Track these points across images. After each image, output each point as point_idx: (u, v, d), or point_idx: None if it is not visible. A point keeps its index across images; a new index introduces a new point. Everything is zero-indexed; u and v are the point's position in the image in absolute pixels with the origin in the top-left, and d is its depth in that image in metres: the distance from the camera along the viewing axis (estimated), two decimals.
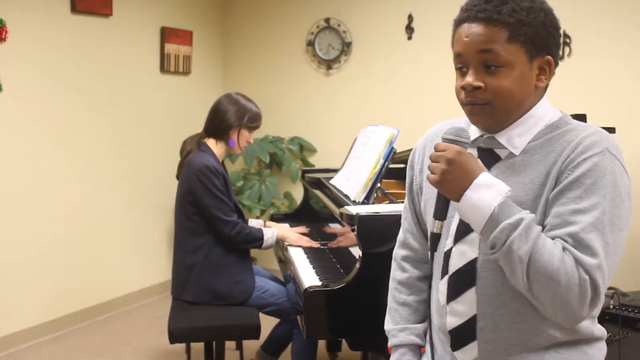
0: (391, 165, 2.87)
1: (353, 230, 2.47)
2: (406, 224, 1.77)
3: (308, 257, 2.98)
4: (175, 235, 3.21)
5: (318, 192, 3.36)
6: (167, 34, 4.95)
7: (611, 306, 3.11)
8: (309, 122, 5.38)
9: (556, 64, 1.50)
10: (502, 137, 1.47)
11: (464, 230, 1.49)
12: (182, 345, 3.77)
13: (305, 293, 2.40)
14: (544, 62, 1.46)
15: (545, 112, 1.50)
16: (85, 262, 4.40)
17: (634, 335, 3.02)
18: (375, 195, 2.79)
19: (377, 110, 5.03)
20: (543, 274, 1.29)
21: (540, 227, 1.36)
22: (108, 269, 4.60)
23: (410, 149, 3.11)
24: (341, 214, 2.57)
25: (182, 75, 5.21)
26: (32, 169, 4.00)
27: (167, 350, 3.93)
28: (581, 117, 3.16)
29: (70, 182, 4.26)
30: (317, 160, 5.33)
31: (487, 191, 1.34)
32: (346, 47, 5.12)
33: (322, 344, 3.62)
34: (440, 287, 1.55)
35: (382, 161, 2.80)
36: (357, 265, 2.40)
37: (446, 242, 1.53)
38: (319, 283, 2.53)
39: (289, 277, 2.93)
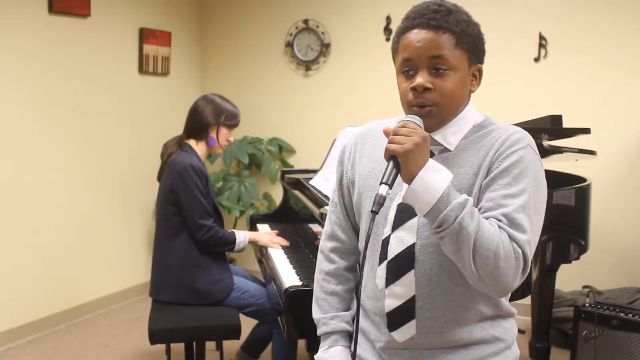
0: None
1: None
2: (334, 217, 1.88)
3: (288, 257, 2.98)
4: (155, 236, 3.21)
5: (298, 193, 3.37)
6: (145, 35, 4.93)
7: (587, 304, 3.15)
8: (288, 123, 5.39)
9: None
10: (437, 135, 1.62)
11: (402, 218, 1.62)
12: (162, 347, 3.77)
13: (285, 293, 2.40)
14: (476, 70, 1.63)
15: (472, 114, 1.66)
16: (64, 263, 4.37)
17: (609, 333, 3.06)
18: None
19: (355, 111, 5.06)
20: (486, 248, 1.41)
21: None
22: (86, 270, 4.57)
23: None
24: (321, 214, 2.59)
25: (160, 76, 5.19)
26: (9, 170, 3.96)
27: (146, 351, 3.92)
28: (557, 118, 3.21)
29: (48, 184, 4.23)
30: (296, 161, 5.34)
31: (437, 174, 1.44)
32: (325, 48, 5.14)
33: (301, 343, 3.63)
34: (378, 272, 1.66)
35: None
36: None
37: (384, 230, 1.65)
38: (300, 283, 2.53)
39: (269, 278, 2.93)
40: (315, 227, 3.17)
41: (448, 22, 1.53)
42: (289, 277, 2.64)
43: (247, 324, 3.23)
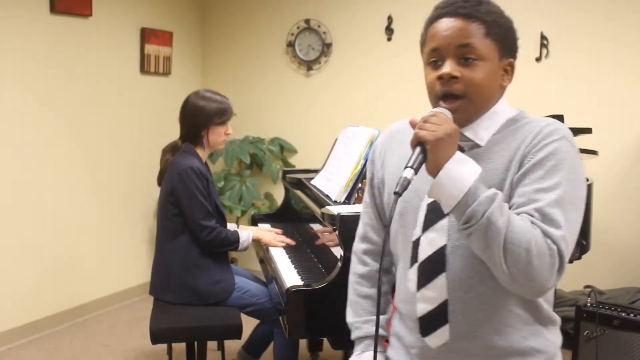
0: None
1: (334, 230, 2.48)
2: (366, 218, 1.83)
3: (290, 257, 2.99)
4: (156, 237, 3.21)
5: (299, 193, 3.37)
6: (147, 35, 4.93)
7: (588, 304, 3.15)
8: (290, 122, 5.39)
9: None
10: (468, 131, 1.55)
11: (432, 218, 1.55)
12: (163, 347, 3.77)
13: (287, 293, 2.40)
14: (508, 64, 1.57)
15: (505, 109, 1.59)
16: (65, 263, 4.37)
17: (610, 333, 3.06)
18: (356, 195, 2.81)
19: (357, 111, 5.05)
20: (517, 245, 1.33)
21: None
22: (87, 270, 4.57)
23: None
24: (322, 214, 2.59)
25: (162, 76, 5.19)
26: (9, 170, 3.96)
27: (147, 351, 3.92)
28: (558, 118, 3.21)
29: (49, 184, 4.23)
30: (298, 161, 5.34)
31: (465, 166, 1.38)
32: (326, 48, 5.14)
33: (303, 343, 3.63)
34: (409, 275, 1.60)
35: (363, 162, 2.83)
36: (339, 264, 2.41)
37: (414, 232, 1.59)
38: (301, 283, 2.54)
39: (271, 277, 2.94)
40: (316, 227, 3.17)
41: (478, 11, 1.49)
42: (290, 276, 2.65)
43: (249, 324, 3.23)
